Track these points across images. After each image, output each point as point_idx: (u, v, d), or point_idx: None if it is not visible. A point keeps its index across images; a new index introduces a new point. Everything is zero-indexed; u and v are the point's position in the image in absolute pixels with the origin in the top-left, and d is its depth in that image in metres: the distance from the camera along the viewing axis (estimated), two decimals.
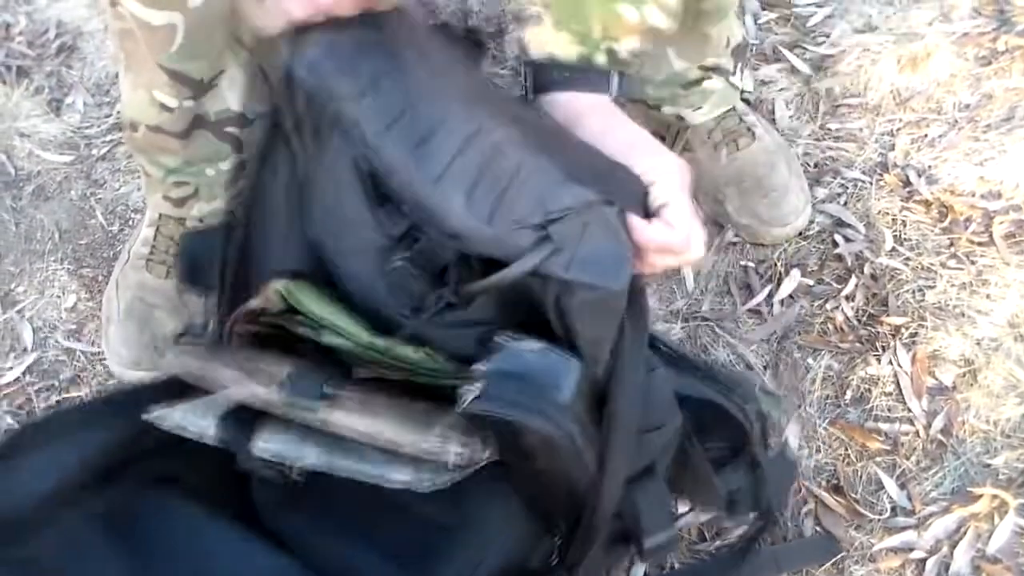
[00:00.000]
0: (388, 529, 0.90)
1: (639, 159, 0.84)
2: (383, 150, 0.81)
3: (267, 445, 0.87)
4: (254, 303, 0.87)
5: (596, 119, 0.86)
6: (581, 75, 0.88)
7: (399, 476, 0.84)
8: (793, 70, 1.57)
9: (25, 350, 1.41)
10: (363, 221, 0.86)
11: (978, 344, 1.29)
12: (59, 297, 1.45)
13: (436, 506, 0.88)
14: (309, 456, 0.86)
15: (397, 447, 0.82)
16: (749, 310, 1.35)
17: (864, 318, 1.33)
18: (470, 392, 0.79)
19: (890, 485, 1.20)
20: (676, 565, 1.16)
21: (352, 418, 0.82)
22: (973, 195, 1.41)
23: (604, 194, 0.79)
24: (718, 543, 1.17)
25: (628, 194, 0.82)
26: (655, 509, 0.93)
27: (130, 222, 1.52)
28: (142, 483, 0.91)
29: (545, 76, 0.88)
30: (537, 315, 0.83)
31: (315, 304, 0.86)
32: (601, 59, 0.88)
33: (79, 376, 1.38)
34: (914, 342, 1.30)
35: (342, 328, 0.85)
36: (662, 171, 0.84)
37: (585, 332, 0.82)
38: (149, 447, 0.93)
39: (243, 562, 0.88)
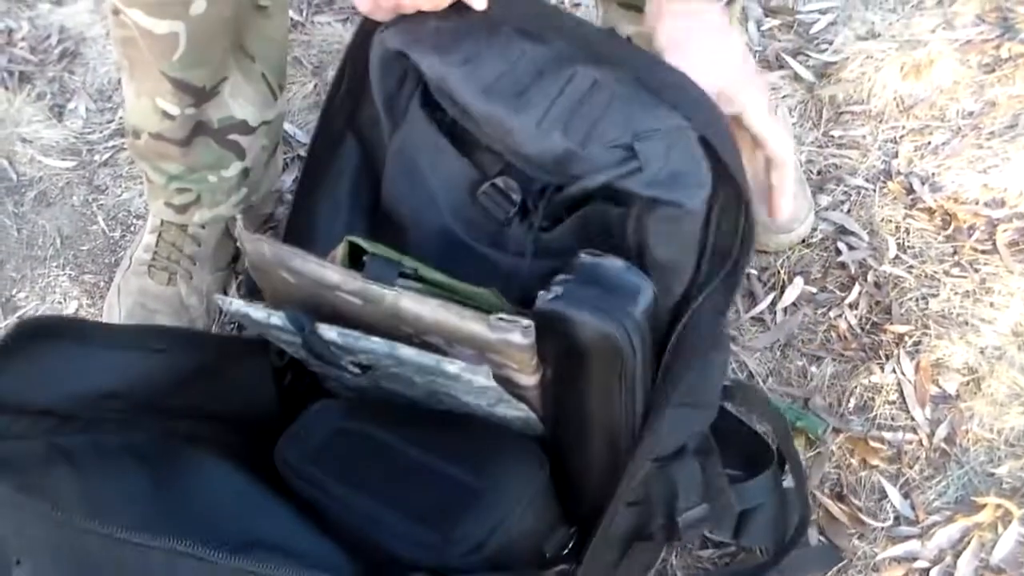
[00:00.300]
0: (410, 488, 0.93)
1: (731, 85, 0.90)
2: (483, 109, 0.91)
3: (332, 329, 0.92)
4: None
5: (706, 38, 0.92)
6: None
7: (452, 368, 0.88)
8: (796, 77, 1.57)
9: None
10: (451, 167, 0.97)
11: (982, 352, 1.29)
12: (61, 303, 1.45)
13: (460, 469, 0.92)
14: (373, 343, 0.90)
15: (460, 335, 0.86)
16: (752, 318, 1.35)
17: (867, 326, 1.32)
18: (549, 293, 0.85)
19: (893, 494, 1.19)
20: (678, 574, 1.15)
21: (421, 305, 0.86)
22: (977, 203, 1.41)
23: (688, 120, 0.87)
24: (720, 552, 1.16)
25: (711, 122, 0.88)
26: (691, 485, 0.96)
27: (132, 228, 1.51)
28: (173, 435, 0.95)
29: None
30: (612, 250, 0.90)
31: (383, 250, 0.91)
32: None
33: None
34: (917, 350, 1.29)
35: (411, 267, 0.91)
36: (752, 100, 0.91)
37: (661, 254, 0.89)
38: (181, 405, 0.97)
39: (265, 522, 0.89)
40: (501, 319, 0.82)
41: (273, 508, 0.90)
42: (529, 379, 0.87)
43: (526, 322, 0.82)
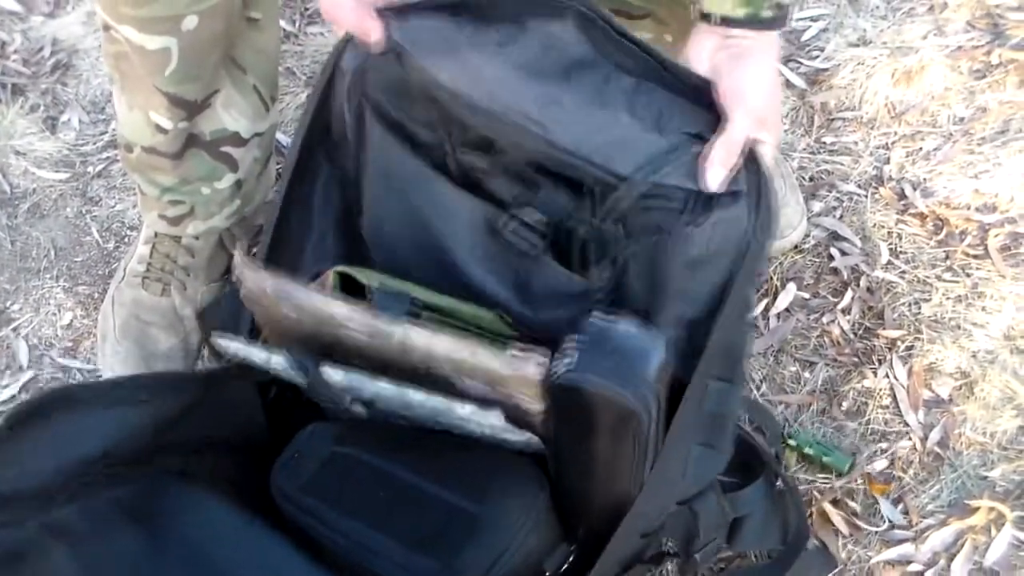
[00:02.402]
0: (407, 516, 0.92)
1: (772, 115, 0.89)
2: (520, 89, 0.87)
3: (338, 370, 0.90)
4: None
5: (763, 65, 0.90)
6: (748, 26, 0.89)
7: (462, 411, 0.87)
8: (788, 84, 1.57)
9: (21, 368, 1.41)
10: (458, 209, 0.95)
11: (974, 357, 1.29)
12: (55, 315, 1.45)
13: (459, 494, 0.90)
14: (382, 387, 0.89)
15: (471, 369, 0.84)
16: None
17: (860, 331, 1.33)
18: (563, 363, 0.82)
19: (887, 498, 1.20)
20: None
21: (432, 340, 0.84)
22: (968, 208, 1.41)
23: None
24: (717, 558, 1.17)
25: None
26: (711, 520, 0.96)
27: (126, 239, 1.52)
28: (164, 474, 0.93)
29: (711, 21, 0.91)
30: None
31: (376, 277, 0.90)
32: (768, 13, 0.89)
33: None
34: (910, 355, 1.30)
35: (418, 300, 0.90)
36: (775, 135, 0.89)
37: (691, 279, 0.88)
38: (172, 441, 0.96)
39: (260, 558, 0.89)
40: (515, 355, 0.81)
41: (270, 545, 0.89)
42: (538, 406, 0.86)
43: (541, 357, 0.81)
